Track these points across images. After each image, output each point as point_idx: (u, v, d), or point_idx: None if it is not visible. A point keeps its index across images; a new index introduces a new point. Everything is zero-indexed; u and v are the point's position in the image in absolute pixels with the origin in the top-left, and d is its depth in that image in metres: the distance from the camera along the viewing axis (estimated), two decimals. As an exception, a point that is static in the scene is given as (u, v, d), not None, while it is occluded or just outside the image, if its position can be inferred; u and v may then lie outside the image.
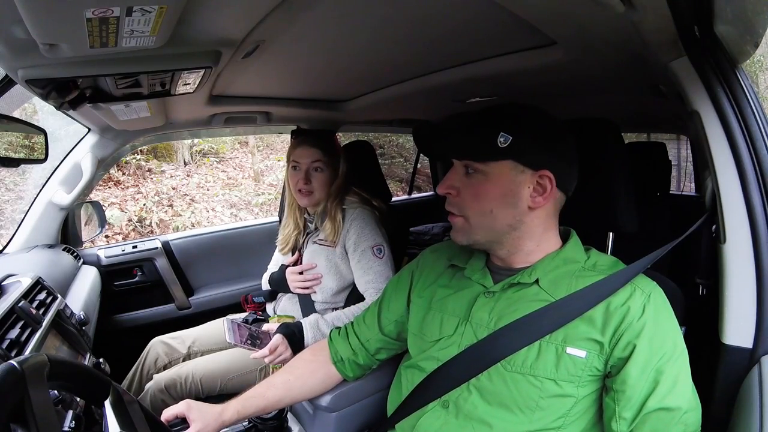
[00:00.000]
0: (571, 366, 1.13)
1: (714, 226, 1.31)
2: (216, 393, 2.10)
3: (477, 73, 1.80)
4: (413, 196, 4.83)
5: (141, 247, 2.99)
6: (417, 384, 1.32)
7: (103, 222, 2.82)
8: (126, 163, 7.79)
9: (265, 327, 2.01)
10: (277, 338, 1.87)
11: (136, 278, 2.96)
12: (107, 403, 0.97)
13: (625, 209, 1.47)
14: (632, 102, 1.88)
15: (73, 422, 1.14)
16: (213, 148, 9.27)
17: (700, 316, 1.43)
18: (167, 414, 1.33)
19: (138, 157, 7.92)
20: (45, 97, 1.31)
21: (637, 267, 1.19)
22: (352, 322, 1.63)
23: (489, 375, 1.19)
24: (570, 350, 1.13)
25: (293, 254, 2.31)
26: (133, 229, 6.90)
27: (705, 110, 1.22)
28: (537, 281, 1.22)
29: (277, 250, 2.41)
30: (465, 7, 1.19)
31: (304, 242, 2.28)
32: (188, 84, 1.45)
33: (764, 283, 1.14)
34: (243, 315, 2.41)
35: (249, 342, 1.95)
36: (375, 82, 2.16)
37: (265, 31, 1.25)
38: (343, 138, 5.59)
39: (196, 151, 9.08)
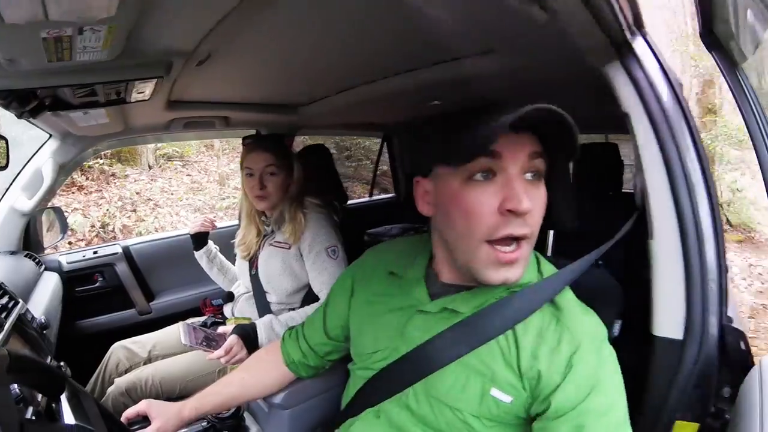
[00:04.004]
0: (494, 407, 1.08)
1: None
2: (176, 395, 2.13)
3: (427, 79, 1.83)
4: (374, 198, 4.81)
5: (101, 252, 3.00)
6: (356, 391, 1.32)
7: (64, 228, 2.81)
8: (89, 167, 7.69)
9: (221, 329, 2.05)
10: (232, 339, 1.92)
11: (97, 284, 2.96)
12: (63, 398, 1.02)
13: (564, 207, 1.47)
14: (585, 105, 1.94)
15: (34, 417, 1.17)
16: (178, 152, 9.19)
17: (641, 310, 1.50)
18: (129, 413, 1.37)
19: (101, 161, 7.82)
20: (6, 107, 1.36)
21: (561, 280, 1.17)
22: (302, 325, 1.62)
23: (417, 398, 1.16)
24: (494, 392, 1.08)
25: (252, 259, 2.35)
26: (96, 235, 6.79)
27: (635, 112, 1.26)
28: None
29: (238, 256, 2.45)
30: (400, 17, 1.22)
31: (260, 245, 2.32)
32: (142, 92, 1.50)
33: (693, 277, 1.18)
34: (202, 318, 2.45)
35: (204, 344, 2.00)
36: (329, 87, 2.21)
37: (215, 41, 1.29)
38: (309, 140, 5.60)
39: (161, 154, 8.99)
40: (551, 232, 1.66)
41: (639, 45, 1.26)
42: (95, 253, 2.98)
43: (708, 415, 1.20)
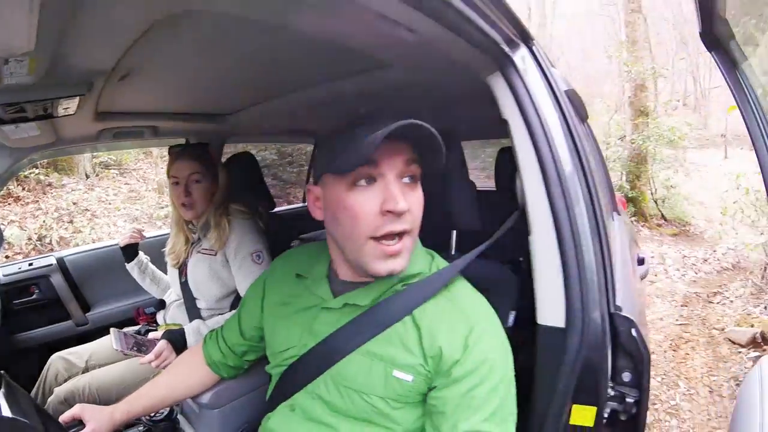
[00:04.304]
0: (398, 387, 1.18)
1: None
2: (113, 402, 2.08)
3: (348, 89, 1.94)
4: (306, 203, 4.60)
5: (36, 264, 2.97)
6: (272, 388, 1.42)
7: (0, 241, 2.78)
8: (25, 177, 7.47)
9: (151, 335, 2.12)
10: (162, 344, 1.99)
11: (34, 296, 2.93)
12: (0, 394, 1.11)
13: (465, 209, 1.62)
14: (481, 112, 2.03)
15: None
16: (115, 160, 9.00)
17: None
18: (64, 417, 1.42)
19: (37, 171, 7.60)
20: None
21: (451, 271, 1.29)
22: (222, 327, 1.67)
23: (327, 387, 1.26)
24: (396, 373, 1.18)
25: (181, 267, 2.39)
26: (34, 248, 6.54)
27: (513, 119, 1.35)
28: (373, 301, 1.26)
29: (168, 264, 2.48)
30: (304, 36, 1.31)
31: (189, 253, 2.36)
32: (68, 108, 1.59)
33: (570, 269, 1.25)
34: (137, 327, 2.48)
35: (135, 349, 2.04)
36: (254, 96, 2.28)
37: (132, 59, 1.38)
38: (249, 147, 5.58)
39: (98, 162, 8.80)
40: (454, 232, 1.77)
41: (520, 57, 1.37)
42: (30, 264, 2.95)
43: (609, 399, 1.28)
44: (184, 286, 2.35)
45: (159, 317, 2.50)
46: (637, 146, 11.06)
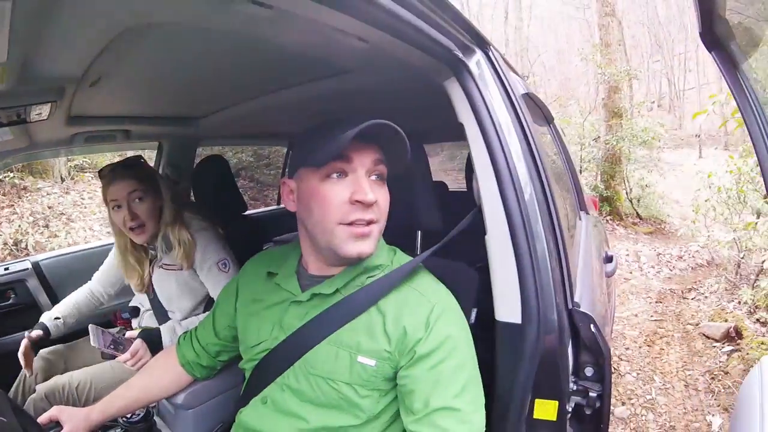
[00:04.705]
0: (362, 373, 1.23)
1: None
2: (91, 401, 2.12)
3: (315, 92, 1.98)
4: (282, 205, 4.49)
5: (12, 269, 2.93)
6: (246, 383, 1.46)
7: None
8: (0, 181, 7.41)
9: (128, 334, 2.10)
10: (138, 343, 1.99)
11: (10, 301, 2.89)
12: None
13: (427, 210, 1.67)
14: (439, 116, 2.05)
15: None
16: (90, 163, 8.85)
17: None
18: (42, 419, 1.43)
19: (12, 174, 7.48)
20: None
21: (411, 264, 1.35)
22: (196, 327, 1.70)
23: (296, 376, 1.31)
24: (360, 359, 1.24)
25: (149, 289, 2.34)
26: (10, 254, 6.49)
27: (468, 122, 1.39)
28: (338, 290, 1.32)
29: (133, 288, 2.42)
30: (268, 45, 1.35)
31: (150, 271, 2.34)
32: (40, 113, 1.62)
33: (524, 268, 1.29)
34: (114, 330, 2.40)
35: (112, 347, 2.04)
36: (226, 98, 2.30)
37: (102, 66, 1.41)
38: (228, 150, 5.53)
39: (72, 165, 8.66)
40: (419, 233, 1.81)
41: (475, 62, 1.42)
42: (6, 269, 2.91)
43: (572, 393, 1.33)
44: (155, 301, 2.34)
45: (134, 323, 2.49)
46: (611, 147, 11.21)
